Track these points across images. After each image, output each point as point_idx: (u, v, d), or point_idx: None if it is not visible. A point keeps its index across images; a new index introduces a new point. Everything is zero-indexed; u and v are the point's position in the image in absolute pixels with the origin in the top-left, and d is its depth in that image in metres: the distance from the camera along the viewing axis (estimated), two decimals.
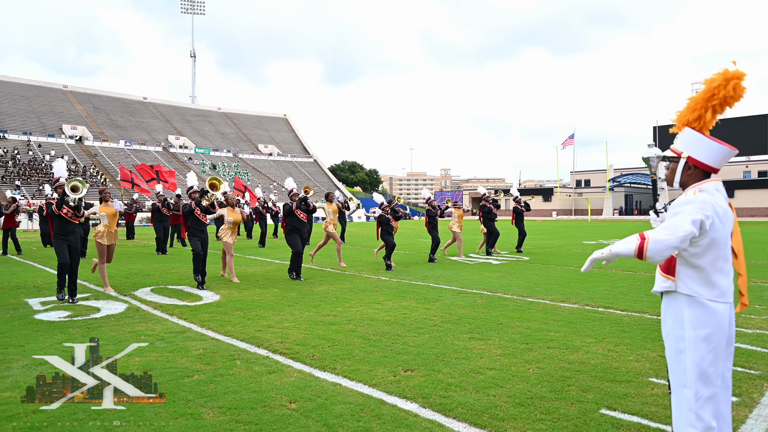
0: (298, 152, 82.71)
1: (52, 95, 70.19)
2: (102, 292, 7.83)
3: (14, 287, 8.23)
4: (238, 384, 3.78)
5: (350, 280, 9.18)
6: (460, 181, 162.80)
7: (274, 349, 4.69)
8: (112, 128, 68.44)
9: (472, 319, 5.87)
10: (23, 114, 62.84)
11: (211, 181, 8.27)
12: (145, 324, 5.71)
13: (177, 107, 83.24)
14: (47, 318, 5.98)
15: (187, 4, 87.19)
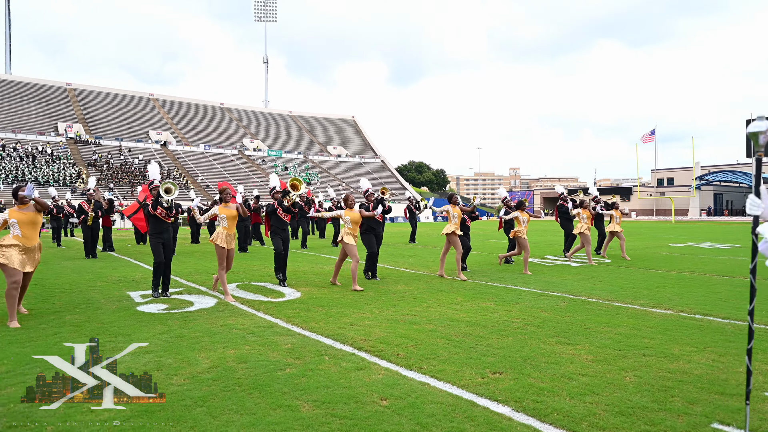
0: (365, 153, 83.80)
1: (140, 103, 75.45)
2: (194, 287, 8.30)
3: (116, 281, 8.91)
4: (328, 379, 3.88)
5: (425, 280, 9.18)
6: (529, 181, 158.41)
7: (359, 347, 4.77)
8: (192, 133, 72.52)
9: (557, 323, 5.69)
10: (115, 121, 68.00)
11: (293, 181, 8.55)
12: (234, 318, 6.00)
13: (251, 111, 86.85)
14: (148, 310, 6.43)
15: (260, 12, 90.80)
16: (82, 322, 5.77)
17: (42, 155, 51.69)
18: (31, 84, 68.86)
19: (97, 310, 6.42)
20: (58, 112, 64.87)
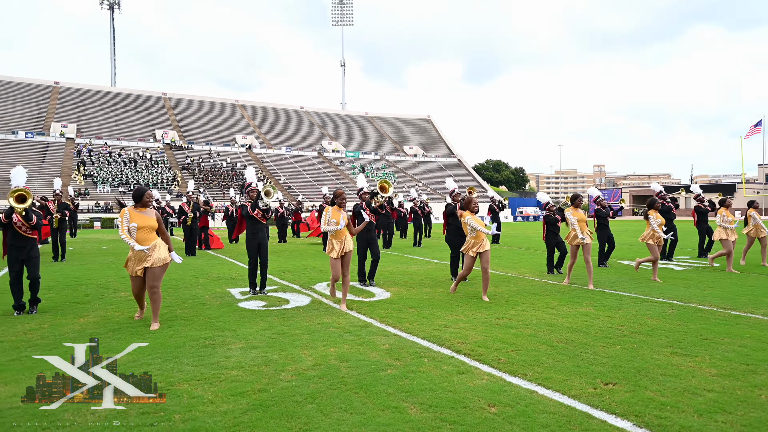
0: (441, 152, 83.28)
1: (226, 109, 79.81)
2: (287, 285, 8.61)
3: (216, 278, 9.44)
4: (431, 382, 3.85)
5: (515, 282, 8.92)
6: (616, 178, 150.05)
7: (457, 350, 4.70)
8: (275, 136, 75.63)
9: (669, 332, 5.30)
10: (205, 127, 72.40)
11: (382, 183, 8.63)
12: (330, 317, 6.14)
13: (329, 114, 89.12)
14: (248, 306, 6.74)
15: (337, 17, 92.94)
16: (191, 316, 6.15)
17: (142, 160, 56.10)
18: (132, 95, 74.97)
19: (203, 305, 6.83)
20: (155, 120, 70.12)
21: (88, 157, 53.91)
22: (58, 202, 12.97)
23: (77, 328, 5.55)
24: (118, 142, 60.12)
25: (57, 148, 55.69)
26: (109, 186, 48.74)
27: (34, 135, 57.19)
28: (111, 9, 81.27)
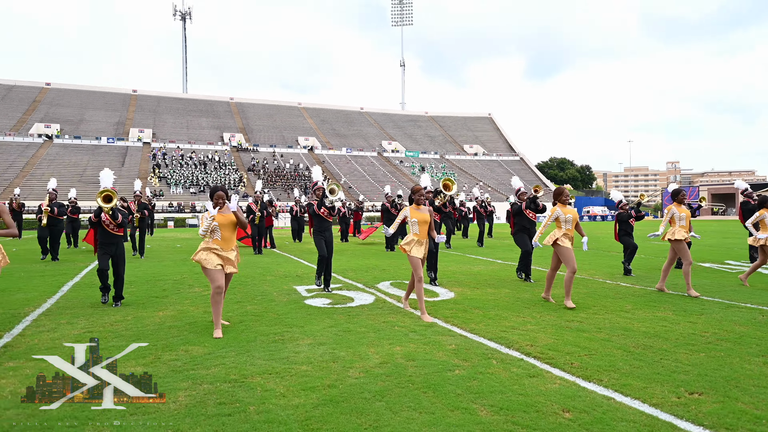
0: (503, 151, 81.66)
1: (289, 112, 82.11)
2: (351, 283, 8.72)
3: (282, 275, 9.72)
4: (501, 384, 3.77)
5: (585, 284, 8.58)
6: (692, 175, 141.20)
7: (527, 352, 4.57)
8: (335, 137, 76.98)
9: (760, 340, 4.91)
10: (269, 129, 74.83)
11: (445, 181, 8.57)
12: (394, 315, 6.15)
13: (389, 114, 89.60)
14: (314, 304, 6.88)
15: (397, 17, 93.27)
16: (261, 312, 6.35)
17: (211, 162, 58.75)
18: (202, 101, 78.71)
19: (271, 302, 7.04)
20: (223, 123, 73.26)
21: (162, 160, 57.11)
22: (138, 203, 13.80)
23: (157, 321, 5.88)
24: (189, 146, 63.28)
25: (135, 152, 59.40)
26: (181, 187, 51.42)
27: (114, 140, 61.31)
28: (183, 20, 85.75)
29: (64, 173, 47.83)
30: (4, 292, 7.84)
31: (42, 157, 53.98)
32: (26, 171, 49.79)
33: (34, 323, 5.78)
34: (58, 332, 5.36)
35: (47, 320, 5.93)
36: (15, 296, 7.50)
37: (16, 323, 5.77)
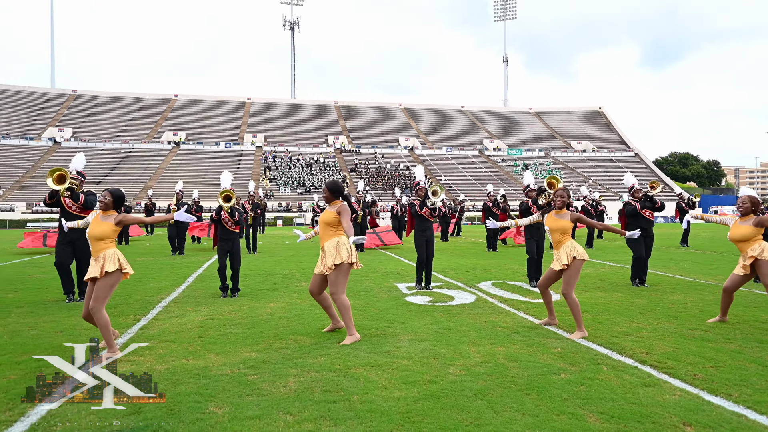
0: (615, 146, 76.46)
1: (391, 113, 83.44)
2: (451, 282, 8.69)
3: (384, 273, 9.92)
4: (612, 391, 3.55)
5: (709, 290, 7.80)
6: None
7: (642, 360, 4.26)
8: (436, 137, 76.92)
9: None
10: (371, 131, 76.65)
11: (549, 179, 8.22)
12: (496, 315, 6.03)
13: (490, 112, 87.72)
14: (415, 301, 6.95)
15: (499, 12, 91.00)
16: (364, 307, 6.54)
17: (317, 164, 61.46)
18: (308, 105, 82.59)
19: (372, 297, 7.22)
20: (328, 126, 76.32)
21: (273, 163, 60.81)
22: (251, 202, 14.86)
23: (268, 312, 6.29)
24: (297, 148, 66.70)
25: (248, 155, 63.84)
26: (289, 188, 54.42)
27: (231, 145, 66.35)
28: (292, 29, 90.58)
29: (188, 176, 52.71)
30: (141, 281, 8.83)
31: (171, 161, 59.93)
32: (157, 174, 55.57)
33: (165, 309, 6.45)
34: (184, 318, 5.93)
35: (176, 307, 6.59)
36: (150, 285, 8.42)
37: (150, 308, 6.48)
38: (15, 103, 67.68)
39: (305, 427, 3.00)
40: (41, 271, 10.33)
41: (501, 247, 16.24)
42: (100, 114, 70.21)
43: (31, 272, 10.21)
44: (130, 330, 5.34)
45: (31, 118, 65.85)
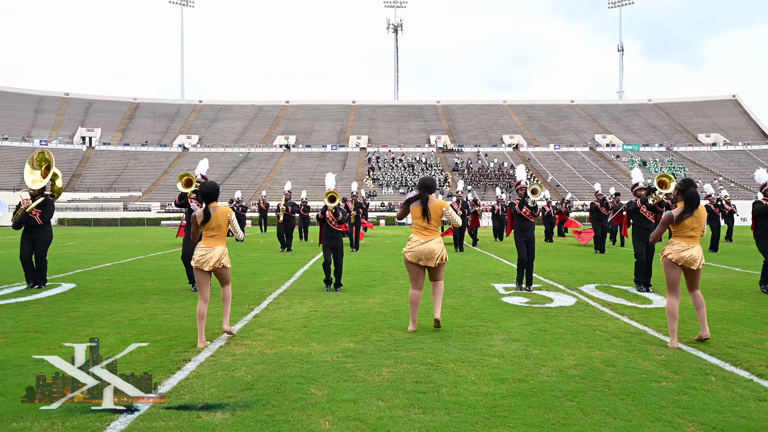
0: (752, 138, 68.32)
1: (494, 111, 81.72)
2: (551, 284, 8.47)
3: (481, 273, 9.90)
4: (718, 403, 3.34)
5: None
6: None
7: (759, 373, 3.93)
8: (543, 134, 74.02)
9: None
10: (474, 129, 75.66)
11: (661, 178, 7.71)
12: (596, 320, 5.82)
13: (603, 105, 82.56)
14: (511, 302, 6.90)
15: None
16: (458, 306, 6.64)
17: (418, 164, 62.00)
18: (411, 106, 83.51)
19: (468, 297, 7.29)
20: (430, 126, 76.61)
21: (376, 163, 62.37)
22: (354, 202, 15.52)
23: (367, 306, 6.61)
24: (399, 149, 67.79)
25: (353, 156, 66.08)
26: (391, 188, 55.51)
27: (337, 147, 69.14)
28: (395, 31, 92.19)
29: (298, 177, 55.86)
30: (255, 275, 9.66)
31: (282, 164, 63.88)
32: (270, 176, 59.53)
33: (275, 301, 7.04)
34: (291, 309, 6.44)
35: (284, 299, 7.17)
36: (261, 278, 9.18)
37: (262, 300, 7.10)
38: (152, 115, 76.18)
39: (395, 413, 3.21)
40: (172, 263, 11.66)
41: (610, 249, 15.35)
42: (222, 122, 76.66)
43: (164, 264, 11.57)
44: (245, 318, 5.93)
45: (165, 127, 73.68)
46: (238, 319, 5.83)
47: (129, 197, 53.75)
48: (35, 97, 72.68)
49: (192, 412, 3.21)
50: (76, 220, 45.55)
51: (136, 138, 69.57)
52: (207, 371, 3.99)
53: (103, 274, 9.81)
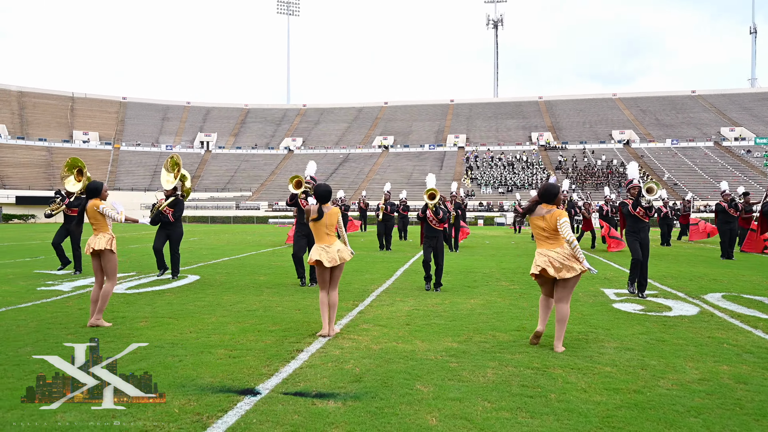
0: None
1: (602, 105, 76.94)
2: (670, 291, 7.86)
3: (590, 277, 9.40)
4: None
5: None
6: None
7: None
8: (658, 128, 68.45)
9: None
10: (579, 126, 71.84)
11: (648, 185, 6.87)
12: (724, 332, 5.32)
13: (731, 95, 74.47)
14: (623, 308, 6.51)
15: None
16: None
17: (519, 163, 60.15)
18: (511, 103, 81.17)
19: (575, 301, 6.97)
20: (531, 123, 73.97)
21: (474, 162, 61.47)
22: (453, 202, 15.42)
23: (469, 307, 6.59)
24: (499, 147, 66.25)
25: (451, 156, 65.67)
26: (490, 187, 54.41)
27: (434, 146, 69.12)
28: (495, 27, 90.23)
29: (396, 177, 56.64)
30: (357, 272, 9.99)
31: (381, 164, 65.14)
32: (369, 176, 60.96)
33: (377, 298, 7.24)
34: (394, 307, 6.60)
35: (386, 296, 7.35)
36: (364, 276, 9.48)
37: (366, 296, 7.34)
38: (261, 119, 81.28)
39: (502, 414, 3.19)
40: (282, 259, 12.41)
41: (738, 255, 13.85)
42: (324, 124, 79.87)
43: (274, 260, 12.34)
44: (351, 313, 6.18)
45: (272, 131, 78.28)
46: (344, 315, 6.08)
47: (240, 197, 57.87)
48: (162, 107, 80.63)
49: (307, 399, 3.43)
50: (196, 218, 49.90)
51: (247, 141, 74.63)
52: (318, 362, 4.23)
53: (222, 268, 10.70)
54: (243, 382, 3.74)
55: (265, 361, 4.26)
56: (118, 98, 78.83)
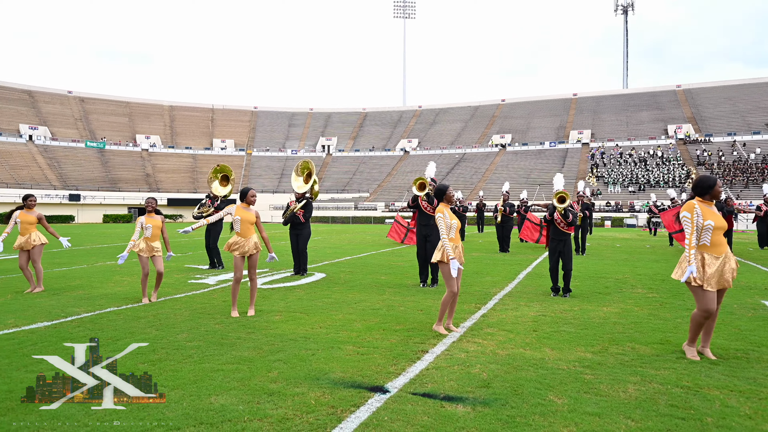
0: None
1: (755, 91, 67.66)
2: None
3: (746, 287, 8.30)
4: None
5: None
6: None
7: None
8: None
9: None
10: (727, 116, 63.89)
11: None
12: None
13: None
14: None
15: None
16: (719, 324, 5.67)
17: (653, 158, 55.07)
18: (643, 93, 74.59)
19: (731, 314, 6.20)
20: (667, 115, 67.33)
21: (600, 160, 57.45)
22: (581, 203, 14.55)
23: (602, 315, 6.14)
24: (629, 143, 61.29)
25: (574, 153, 62.07)
26: (619, 186, 50.47)
27: (555, 143, 65.82)
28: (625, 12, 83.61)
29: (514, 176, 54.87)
30: (477, 274, 9.82)
31: (498, 163, 63.53)
32: (486, 176, 59.75)
33: (500, 301, 7.05)
34: (519, 311, 6.37)
35: (510, 300, 7.12)
36: (485, 278, 9.29)
37: (488, 300, 7.18)
38: (378, 122, 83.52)
39: None
40: (401, 260, 12.61)
41: None
42: (440, 124, 79.88)
43: (394, 261, 12.58)
44: (473, 316, 6.08)
45: (389, 133, 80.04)
46: (467, 317, 6.00)
47: (359, 198, 59.99)
48: (288, 114, 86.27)
49: (435, 401, 3.42)
50: (318, 218, 52.70)
51: (365, 144, 77.14)
52: (444, 364, 4.21)
53: (346, 267, 11.15)
54: (372, 379, 3.84)
55: (392, 359, 4.33)
56: (250, 108, 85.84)
